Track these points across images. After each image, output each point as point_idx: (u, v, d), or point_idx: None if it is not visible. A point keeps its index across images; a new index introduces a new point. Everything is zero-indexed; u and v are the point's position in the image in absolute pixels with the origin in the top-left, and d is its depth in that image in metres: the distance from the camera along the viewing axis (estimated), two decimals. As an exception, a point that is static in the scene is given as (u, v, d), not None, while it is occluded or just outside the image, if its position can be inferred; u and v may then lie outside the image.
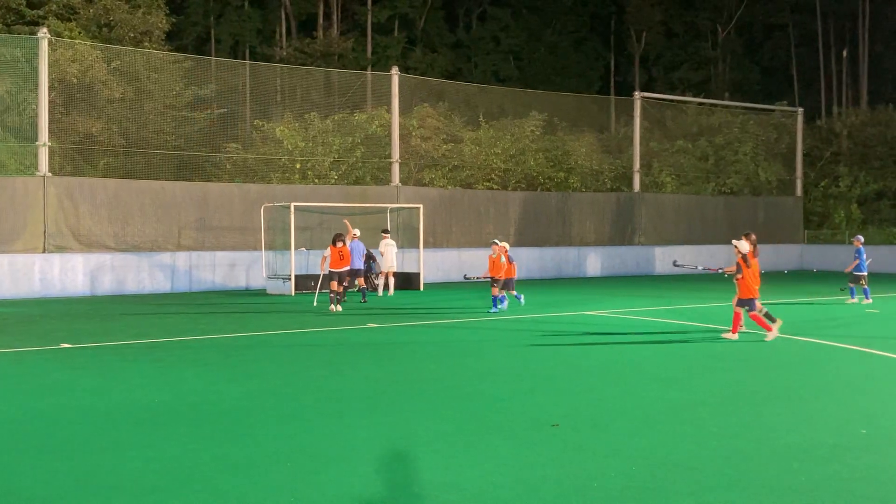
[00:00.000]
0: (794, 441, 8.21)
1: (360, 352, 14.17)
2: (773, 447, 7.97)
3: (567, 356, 13.77)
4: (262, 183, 30.25)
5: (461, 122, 36.10)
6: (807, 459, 7.56)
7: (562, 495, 6.59)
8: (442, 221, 31.65)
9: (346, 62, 52.24)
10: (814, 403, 9.96)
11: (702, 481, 6.93)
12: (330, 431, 8.61)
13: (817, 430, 8.65)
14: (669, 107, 42.53)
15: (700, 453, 7.76)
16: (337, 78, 35.88)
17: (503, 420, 9.10)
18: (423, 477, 7.04)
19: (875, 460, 7.57)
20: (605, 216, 35.73)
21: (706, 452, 7.80)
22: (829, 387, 11.07)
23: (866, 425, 8.85)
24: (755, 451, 7.83)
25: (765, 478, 7.02)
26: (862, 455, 7.74)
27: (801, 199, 42.40)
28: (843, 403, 9.95)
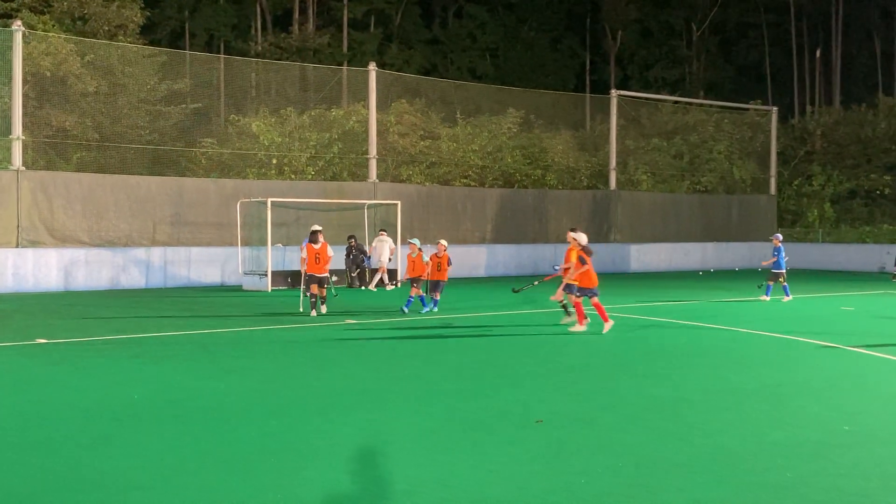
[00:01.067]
0: (780, 438, 8.24)
1: (341, 348, 14.10)
2: (759, 444, 8.00)
3: (548, 352, 13.77)
4: (238, 178, 30.04)
5: (438, 118, 36.05)
6: (792, 456, 7.59)
7: (550, 492, 6.58)
8: (419, 218, 31.58)
9: (321, 57, 52.01)
10: (797, 400, 10.00)
11: (689, 478, 6.93)
12: (313, 428, 8.55)
13: (801, 427, 8.68)
14: (645, 105, 42.68)
15: (686, 450, 7.78)
16: (313, 73, 35.74)
17: (487, 416, 9.08)
18: (410, 473, 7.00)
19: (859, 457, 7.61)
20: (581, 213, 35.80)
21: (692, 449, 7.81)
22: (810, 384, 11.12)
23: (849, 422, 8.91)
24: (741, 448, 7.85)
25: (751, 474, 7.04)
26: (846, 452, 7.78)
27: (775, 198, 42.68)
28: (826, 400, 10.01)
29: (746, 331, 16.31)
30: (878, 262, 36.67)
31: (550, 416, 9.02)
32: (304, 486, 6.65)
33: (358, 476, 6.99)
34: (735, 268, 38.40)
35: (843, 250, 38.75)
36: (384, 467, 7.21)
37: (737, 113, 44.32)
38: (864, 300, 23.35)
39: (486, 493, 6.52)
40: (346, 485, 6.74)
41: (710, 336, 15.81)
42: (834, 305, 21.65)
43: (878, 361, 12.91)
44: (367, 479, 6.92)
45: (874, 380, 11.42)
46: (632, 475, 7.00)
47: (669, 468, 7.20)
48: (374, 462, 7.38)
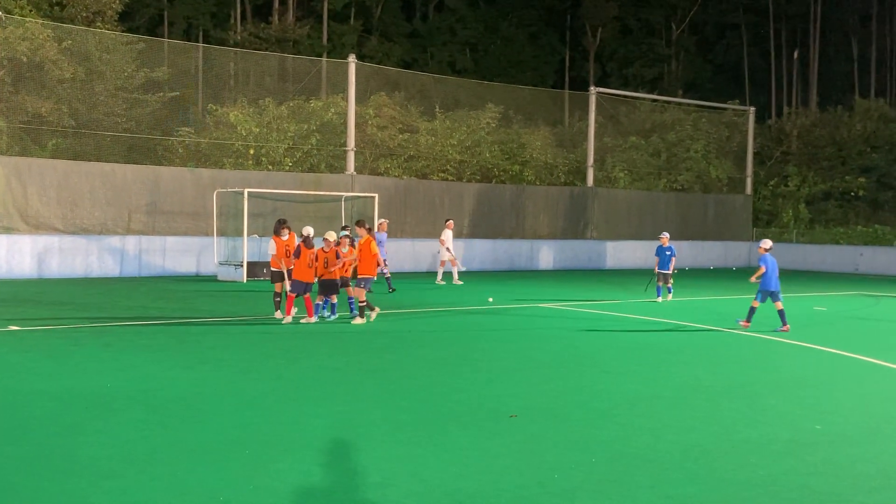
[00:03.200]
0: (751, 436, 8.30)
1: (316, 339, 14.07)
2: (731, 441, 8.06)
3: (522, 348, 13.79)
4: (215, 168, 29.89)
5: (417, 112, 36.02)
6: (764, 454, 7.64)
7: (522, 486, 6.60)
8: (397, 211, 31.53)
9: (301, 49, 51.81)
10: (769, 399, 10.07)
11: (661, 474, 6.97)
12: (287, 419, 8.53)
13: (773, 426, 8.75)
14: (623, 103, 42.79)
15: (658, 446, 7.81)
16: (292, 64, 35.58)
17: (462, 410, 9.09)
18: (383, 466, 7.00)
19: (829, 455, 7.67)
20: (558, 210, 35.88)
21: (664, 445, 7.85)
22: (782, 383, 11.20)
23: (820, 421, 8.98)
24: (713, 445, 7.90)
25: (723, 472, 7.09)
26: (817, 450, 7.85)
27: (751, 198, 42.94)
28: (797, 399, 10.08)
29: (719, 329, 16.41)
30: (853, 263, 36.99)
31: (524, 411, 9.04)
32: (277, 478, 6.63)
33: (331, 468, 6.98)
34: (710, 266, 38.62)
35: (817, 251, 39.04)
36: (357, 459, 7.20)
37: (714, 112, 44.55)
38: (837, 301, 23.54)
39: (459, 487, 6.53)
40: (319, 477, 6.73)
41: (683, 334, 15.89)
42: (807, 305, 21.80)
43: (849, 361, 13.02)
44: (340, 471, 6.91)
45: (845, 379, 11.52)
46: (604, 471, 7.03)
47: (641, 464, 7.24)
48: (348, 454, 7.37)
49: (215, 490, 6.33)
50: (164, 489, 6.33)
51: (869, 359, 13.12)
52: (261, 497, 6.22)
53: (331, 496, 6.30)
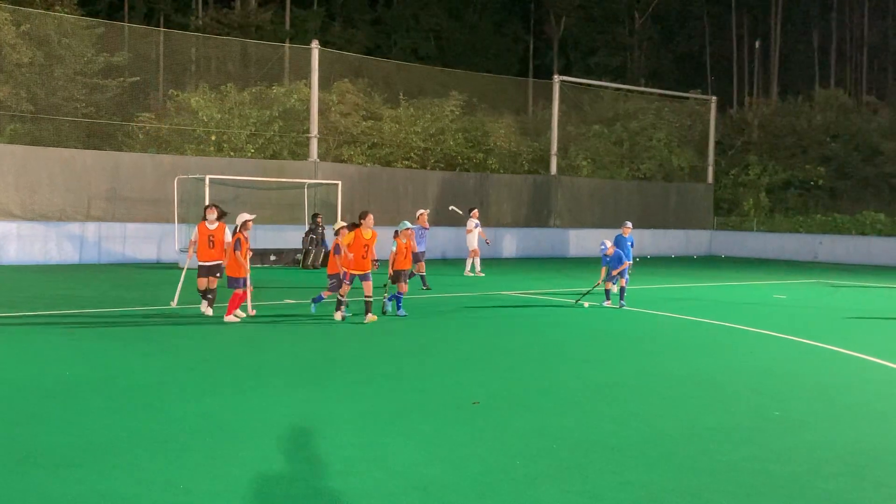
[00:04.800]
0: (712, 422, 8.37)
1: (279, 328, 13.99)
2: (692, 428, 8.12)
3: (486, 335, 13.81)
4: (176, 154, 29.60)
5: (381, 99, 35.92)
6: (724, 441, 7.70)
7: (486, 473, 6.60)
8: (360, 199, 31.40)
9: (263, 34, 51.37)
10: (729, 386, 10.16)
11: (623, 461, 7.00)
12: (249, 408, 8.47)
13: (733, 413, 8.83)
14: (587, 91, 42.91)
15: (620, 433, 7.85)
16: (254, 50, 35.28)
17: (425, 398, 9.09)
18: (347, 454, 6.97)
19: (788, 442, 7.75)
20: (521, 198, 35.96)
21: (626, 432, 7.89)
22: (743, 370, 11.30)
23: (780, 408, 9.07)
24: (674, 432, 7.95)
25: (684, 458, 7.14)
26: (777, 437, 7.92)
27: (712, 186, 43.28)
28: (757, 387, 10.17)
29: (680, 317, 16.53)
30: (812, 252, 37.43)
31: (487, 399, 9.05)
32: (238, 466, 6.59)
33: (292, 456, 6.94)
34: (672, 255, 38.91)
35: (777, 239, 39.47)
36: (319, 447, 7.17)
37: (677, 101, 44.83)
38: (797, 289, 23.80)
39: (422, 474, 6.53)
40: (281, 464, 6.69)
41: (645, 322, 15.99)
42: (767, 294, 22.03)
43: (808, 348, 13.17)
44: (302, 459, 6.88)
45: (804, 366, 11.65)
46: (566, 458, 7.06)
47: (603, 451, 7.27)
48: (310, 442, 7.33)
49: (175, 478, 6.28)
50: (124, 477, 6.27)
51: (828, 346, 13.28)
52: (221, 485, 6.17)
53: (292, 484, 6.26)
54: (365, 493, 6.10)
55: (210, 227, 14.79)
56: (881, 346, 13.38)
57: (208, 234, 14.75)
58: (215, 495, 5.98)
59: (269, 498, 5.99)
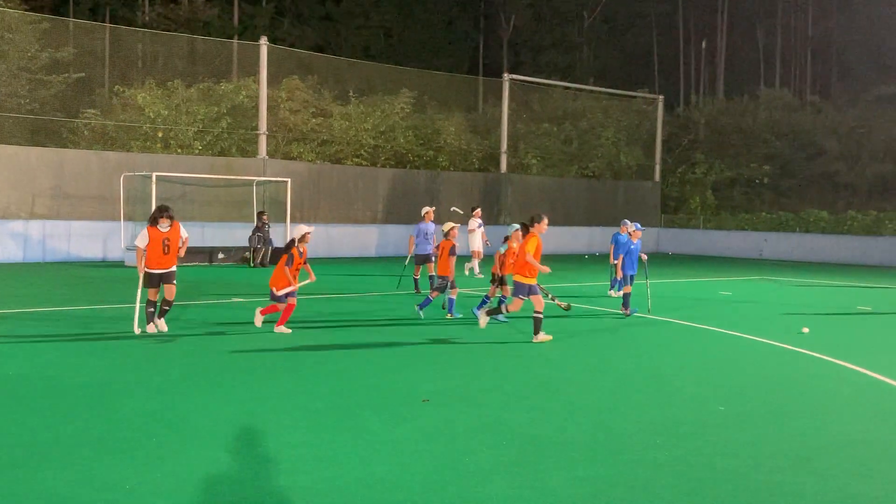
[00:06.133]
0: (658, 417, 8.46)
1: (227, 327, 13.88)
2: (639, 423, 8.20)
3: (435, 333, 13.81)
4: (122, 151, 29.24)
5: (331, 96, 35.77)
6: (670, 435, 7.80)
7: (435, 470, 6.61)
8: (310, 196, 31.29)
9: (211, 30, 50.92)
10: (675, 381, 10.28)
11: (571, 457, 7.06)
12: (196, 407, 8.40)
13: (679, 407, 8.94)
14: (536, 90, 43.13)
15: (569, 429, 7.91)
16: (202, 46, 34.94)
17: (373, 396, 9.07)
18: (294, 452, 6.94)
19: (732, 436, 7.86)
20: (472, 196, 36.01)
21: (575, 428, 7.95)
22: (689, 365, 11.44)
23: (724, 402, 9.20)
24: (621, 427, 8.03)
25: (631, 453, 7.21)
26: (721, 431, 8.03)
27: (659, 185, 43.74)
28: (703, 381, 10.31)
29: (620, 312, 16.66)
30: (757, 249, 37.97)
31: (436, 396, 9.07)
32: (185, 466, 6.53)
33: (240, 455, 6.90)
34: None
35: (723, 237, 40.00)
36: (268, 446, 7.13)
37: (625, 100, 45.23)
38: (742, 285, 24.14)
39: (371, 472, 6.52)
40: (228, 464, 6.64)
41: (592, 318, 16.11)
42: (713, 290, 22.32)
43: (752, 344, 13.37)
44: (250, 458, 6.83)
45: (748, 361, 11.81)
46: (515, 454, 7.09)
47: (552, 447, 7.32)
48: (258, 441, 7.29)
49: (121, 478, 6.21)
50: (69, 478, 6.18)
51: (771, 342, 13.49)
52: (168, 484, 6.11)
53: (240, 483, 6.22)
54: (313, 491, 6.08)
55: (163, 229, 12.81)
56: (823, 341, 13.62)
57: (162, 237, 12.76)
58: (161, 495, 5.92)
59: (216, 497, 5.94)
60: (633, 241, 16.63)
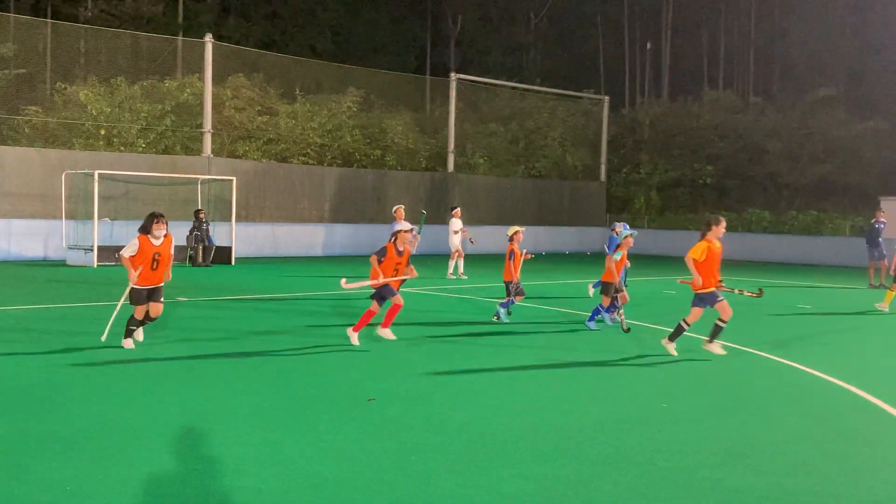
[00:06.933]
0: (601, 414, 8.56)
1: (171, 326, 13.74)
2: (582, 420, 8.28)
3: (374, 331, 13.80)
4: (64, 149, 28.79)
5: (277, 94, 35.56)
6: (613, 432, 7.89)
7: (381, 469, 6.62)
8: (255, 195, 31.08)
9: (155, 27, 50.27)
10: (617, 378, 10.40)
11: (516, 454, 7.11)
12: (139, 407, 8.32)
13: (622, 405, 9.04)
14: (483, 90, 43.27)
15: (514, 426, 7.96)
16: (146, 43, 34.50)
17: (320, 395, 9.06)
18: (238, 452, 6.90)
19: (674, 433, 7.97)
20: (419, 195, 36.04)
21: (519, 425, 8.01)
22: (630, 362, 11.57)
23: (666, 399, 9.33)
24: (565, 424, 8.11)
25: (574, 450, 7.28)
26: (663, 428, 8.14)
27: (605, 185, 44.11)
28: (645, 378, 10.44)
29: (572, 312, 16.81)
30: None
31: (383, 395, 9.07)
32: (127, 466, 6.46)
33: (185, 456, 6.84)
34: (566, 251, 39.51)
35: (667, 236, 40.44)
36: (212, 446, 7.09)
37: (571, 101, 45.55)
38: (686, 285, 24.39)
39: (317, 471, 6.51)
40: (172, 464, 6.59)
41: (539, 316, 16.20)
42: (658, 289, 22.56)
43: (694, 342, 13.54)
44: (194, 459, 6.78)
45: (691, 360, 11.96)
46: (461, 451, 7.12)
47: (497, 444, 7.36)
48: (202, 441, 7.24)
49: (61, 479, 6.13)
50: (9, 480, 6.08)
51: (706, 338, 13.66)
52: (110, 486, 6.05)
53: (183, 483, 6.18)
54: (258, 491, 6.05)
55: (155, 242, 11.43)
56: (765, 339, 13.85)
57: (153, 251, 11.36)
58: (102, 496, 5.85)
59: (159, 498, 5.89)
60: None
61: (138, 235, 11.39)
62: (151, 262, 11.32)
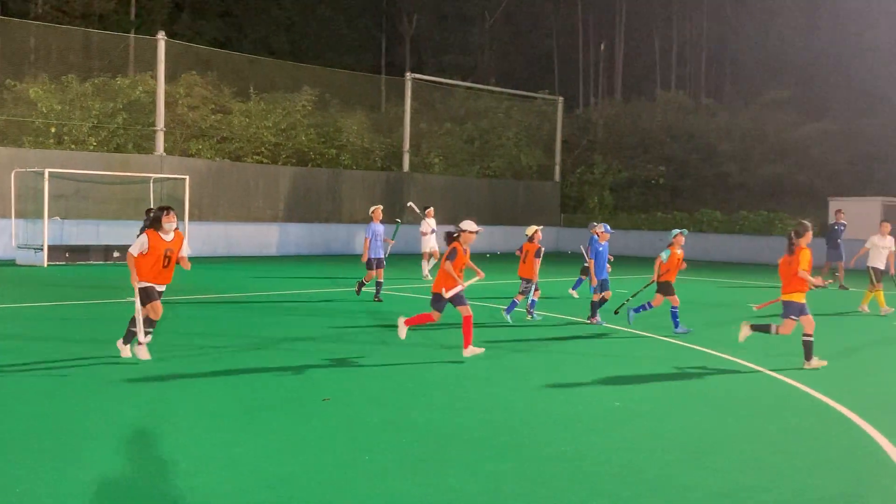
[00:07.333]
0: (558, 413, 8.61)
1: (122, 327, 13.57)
2: (538, 419, 8.33)
3: (337, 332, 13.78)
4: (14, 147, 28.33)
5: (230, 93, 35.31)
6: (568, 430, 7.94)
7: (336, 468, 6.61)
8: (209, 194, 30.82)
9: (107, 24, 49.65)
10: (572, 377, 10.46)
11: (472, 452, 7.13)
12: (91, 408, 8.23)
13: (576, 403, 9.11)
14: (439, 89, 43.32)
15: (469, 425, 7.99)
16: (97, 40, 34.11)
17: (275, 395, 9.02)
18: (193, 453, 6.86)
19: (628, 431, 8.05)
20: (375, 194, 35.95)
21: (475, 424, 8.03)
22: (584, 361, 11.66)
23: (619, 398, 9.41)
24: (521, 423, 8.15)
25: (531, 448, 7.32)
26: (617, 426, 8.23)
27: (559, 185, 44.36)
28: (598, 377, 10.51)
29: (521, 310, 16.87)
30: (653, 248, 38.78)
31: (338, 395, 9.06)
32: (81, 468, 6.38)
33: (137, 457, 6.79)
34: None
35: (620, 236, 40.64)
36: (165, 448, 7.03)
37: (525, 101, 45.75)
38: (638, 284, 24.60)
39: (271, 472, 6.48)
40: (125, 466, 6.53)
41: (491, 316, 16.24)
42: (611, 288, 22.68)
43: (647, 340, 13.68)
44: (148, 460, 6.73)
45: (644, 358, 12.08)
46: (417, 451, 7.13)
47: (454, 443, 7.38)
48: (155, 442, 7.18)
49: (12, 481, 6.04)
50: (-44, 484, 6.00)
51: (667, 339, 13.83)
52: (61, 488, 5.97)
53: (136, 485, 6.12)
54: (212, 492, 6.02)
55: (166, 237, 10.57)
56: (718, 338, 14.00)
57: (164, 247, 10.50)
58: (54, 497, 5.79)
59: (114, 499, 5.84)
60: (601, 243, 16.04)
61: (146, 231, 10.58)
62: (163, 260, 10.50)
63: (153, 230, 10.50)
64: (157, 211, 10.71)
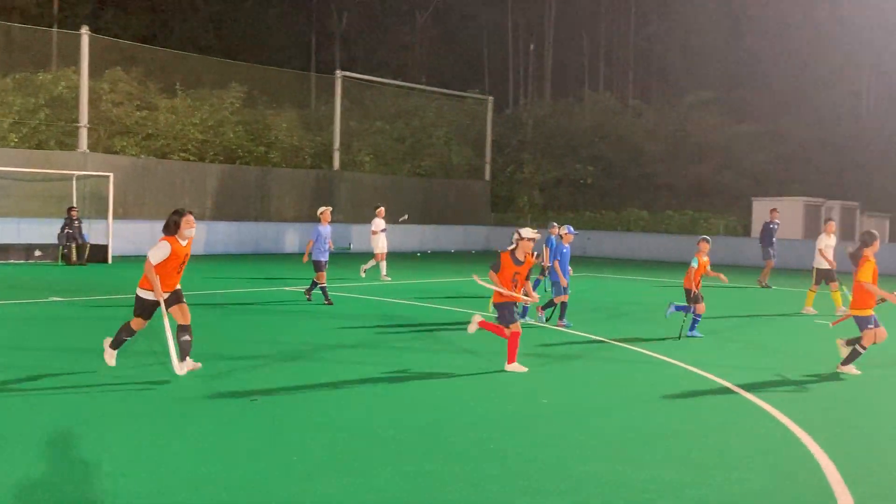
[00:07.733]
0: (485, 411, 8.66)
1: (44, 326, 13.31)
2: (466, 418, 8.37)
3: (267, 330, 13.67)
4: (-70, 142, 27.59)
5: (156, 89, 34.77)
6: (496, 428, 7.99)
7: (264, 468, 6.57)
8: (134, 192, 30.31)
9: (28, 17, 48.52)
10: (500, 376, 10.52)
11: (400, 452, 7.14)
12: (10, 411, 8.06)
13: (505, 402, 9.17)
14: (369, 88, 43.20)
15: (398, 425, 7.99)
16: (18, 34, 33.29)
17: (201, 396, 8.91)
18: (118, 455, 6.75)
19: (555, 428, 8.14)
20: (304, 193, 35.75)
21: (404, 424, 8.04)
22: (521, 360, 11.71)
23: (547, 395, 9.50)
24: (449, 422, 8.19)
25: (459, 447, 7.35)
26: (543, 424, 8.31)
27: (489, 184, 44.56)
28: (528, 375, 10.58)
29: (456, 310, 16.94)
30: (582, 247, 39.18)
31: (268, 394, 8.99)
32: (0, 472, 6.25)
33: (60, 460, 6.66)
34: (451, 249, 39.75)
35: (549, 235, 41.02)
36: (88, 449, 6.90)
37: (456, 100, 45.86)
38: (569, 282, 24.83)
39: (198, 473, 6.41)
40: (45, 469, 6.40)
41: (421, 315, 16.26)
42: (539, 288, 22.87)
43: (576, 338, 13.82)
44: (69, 462, 6.60)
45: (572, 356, 12.21)
46: (346, 450, 7.12)
47: (382, 442, 7.38)
48: (78, 444, 7.05)
49: (-73, 488, 5.89)
50: None
51: (595, 337, 13.98)
52: (-20, 493, 5.84)
53: (59, 488, 6.00)
54: (135, 494, 5.93)
55: (183, 243, 9.70)
56: (646, 336, 14.20)
57: (183, 253, 9.72)
58: (-28, 504, 5.66)
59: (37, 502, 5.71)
60: (565, 245, 15.83)
61: (165, 237, 9.56)
62: (178, 267, 9.77)
63: (173, 237, 9.56)
64: (174, 215, 9.64)
